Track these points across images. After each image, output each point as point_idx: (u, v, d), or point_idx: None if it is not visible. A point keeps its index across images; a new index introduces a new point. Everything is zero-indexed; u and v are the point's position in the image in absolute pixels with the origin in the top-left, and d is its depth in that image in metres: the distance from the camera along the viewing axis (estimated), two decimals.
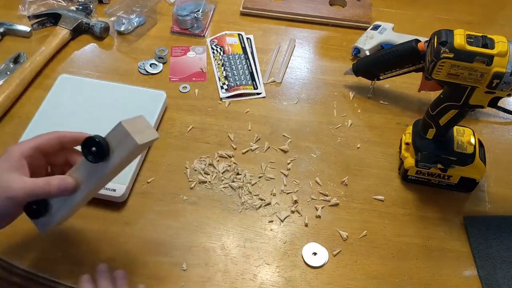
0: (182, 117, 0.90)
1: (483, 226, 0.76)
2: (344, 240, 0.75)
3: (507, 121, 0.92)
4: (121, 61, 1.00)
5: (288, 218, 0.77)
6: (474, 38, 0.65)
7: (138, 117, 0.61)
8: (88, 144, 0.58)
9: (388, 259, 0.73)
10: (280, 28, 1.08)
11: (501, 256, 0.72)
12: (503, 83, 0.64)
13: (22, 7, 1.07)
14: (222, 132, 0.88)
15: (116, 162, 0.58)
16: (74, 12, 1.04)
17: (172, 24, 1.06)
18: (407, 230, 0.76)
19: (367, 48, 0.98)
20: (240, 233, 0.75)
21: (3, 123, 0.88)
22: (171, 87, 0.95)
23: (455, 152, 0.75)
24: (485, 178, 0.81)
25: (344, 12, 1.09)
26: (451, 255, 0.74)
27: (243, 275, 0.71)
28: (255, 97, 0.94)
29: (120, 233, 0.74)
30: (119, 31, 1.04)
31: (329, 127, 0.89)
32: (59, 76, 0.91)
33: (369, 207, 0.79)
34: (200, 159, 0.84)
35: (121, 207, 0.77)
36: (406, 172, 0.79)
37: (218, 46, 1.03)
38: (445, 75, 0.66)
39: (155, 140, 0.62)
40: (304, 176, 0.82)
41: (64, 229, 0.74)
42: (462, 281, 0.71)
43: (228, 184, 0.80)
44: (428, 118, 0.74)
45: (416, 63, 0.85)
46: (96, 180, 0.60)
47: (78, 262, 0.71)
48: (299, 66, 1.00)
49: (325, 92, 0.95)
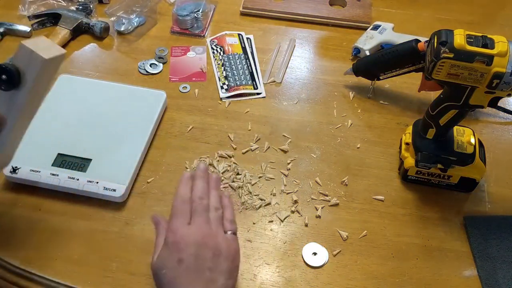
0: (182, 117, 0.90)
1: (483, 226, 0.75)
2: (344, 240, 0.75)
3: (507, 121, 0.92)
4: (121, 61, 1.00)
5: (288, 218, 0.77)
6: (474, 38, 0.65)
7: (39, 38, 0.60)
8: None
9: (388, 259, 0.73)
10: (280, 28, 1.08)
11: (501, 256, 0.72)
12: (503, 83, 0.64)
13: (22, 7, 1.07)
14: (222, 132, 0.88)
15: (30, 85, 0.57)
16: (74, 12, 1.04)
17: (172, 24, 1.06)
18: (407, 230, 0.76)
19: (367, 48, 0.98)
20: (240, 233, 0.75)
21: None
22: (171, 87, 0.95)
23: (455, 152, 0.75)
24: (485, 178, 0.81)
25: (344, 12, 1.09)
26: (451, 255, 0.74)
27: (243, 275, 0.71)
28: (255, 97, 0.94)
29: (120, 233, 0.74)
30: (119, 31, 1.04)
31: (329, 127, 0.89)
32: (59, 76, 0.91)
33: (369, 207, 0.79)
34: (200, 159, 0.84)
35: (121, 207, 0.77)
36: (406, 172, 0.79)
37: (218, 46, 1.03)
38: (445, 75, 0.66)
39: (62, 56, 0.60)
40: (304, 176, 0.82)
41: (64, 229, 0.74)
42: (462, 281, 0.71)
43: (228, 184, 0.80)
44: (428, 118, 0.74)
45: (416, 63, 0.85)
46: (18, 108, 0.59)
47: (78, 262, 0.71)
48: (299, 66, 1.00)
49: (325, 92, 0.95)
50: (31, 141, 0.81)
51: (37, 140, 0.81)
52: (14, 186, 0.78)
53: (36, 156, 0.79)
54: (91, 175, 0.77)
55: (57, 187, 0.77)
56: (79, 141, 0.81)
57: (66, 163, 0.78)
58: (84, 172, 0.78)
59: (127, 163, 0.79)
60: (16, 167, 0.78)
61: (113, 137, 0.82)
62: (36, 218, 0.75)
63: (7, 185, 0.79)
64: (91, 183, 0.77)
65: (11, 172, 0.77)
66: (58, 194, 0.78)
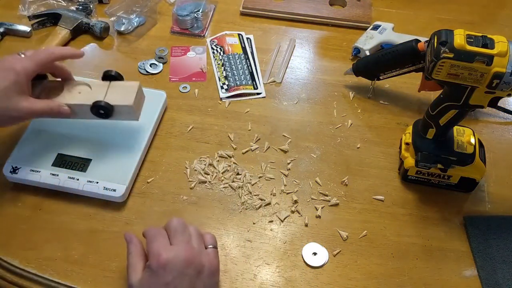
0: (182, 117, 0.90)
1: (483, 226, 0.75)
2: (344, 240, 0.75)
3: (507, 121, 0.92)
4: (121, 61, 1.00)
5: (288, 218, 0.77)
6: (474, 38, 0.65)
7: (139, 91, 0.79)
8: (97, 107, 0.75)
9: (388, 259, 0.73)
10: (280, 28, 1.08)
11: (501, 256, 0.72)
12: (503, 83, 0.64)
13: (22, 7, 1.07)
14: (222, 132, 0.88)
15: (113, 118, 0.78)
16: (74, 12, 1.04)
17: (172, 24, 1.06)
18: (407, 230, 0.76)
19: (367, 48, 0.98)
20: (240, 233, 0.75)
21: None
22: (171, 87, 0.95)
23: (455, 152, 0.75)
24: (485, 178, 0.81)
25: (344, 12, 1.09)
26: (451, 255, 0.74)
27: (243, 275, 0.71)
28: (255, 97, 0.94)
29: (120, 233, 0.74)
30: (119, 31, 1.04)
31: (329, 127, 0.89)
32: None
33: (369, 207, 0.79)
34: (200, 159, 0.84)
35: (121, 207, 0.77)
36: (406, 172, 0.79)
37: (218, 46, 1.03)
38: (445, 75, 0.66)
39: (139, 86, 0.79)
40: (304, 176, 0.82)
41: (64, 229, 0.74)
42: (462, 281, 0.71)
43: (228, 184, 0.80)
44: (428, 118, 0.74)
45: (416, 63, 0.85)
46: (89, 117, 0.77)
47: (78, 262, 0.71)
48: (299, 66, 1.00)
49: (325, 92, 0.95)
50: (31, 141, 0.81)
51: (37, 140, 0.81)
52: (14, 186, 0.78)
53: (36, 156, 0.79)
54: (91, 175, 0.77)
55: (57, 187, 0.77)
56: (79, 141, 0.81)
57: (66, 163, 0.78)
58: (84, 172, 0.78)
59: (127, 163, 0.79)
60: (16, 167, 0.78)
61: (113, 137, 0.82)
62: (36, 218, 0.75)
63: (7, 185, 0.79)
64: (91, 183, 0.77)
65: (11, 172, 0.77)
66: (58, 194, 0.78)
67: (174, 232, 0.62)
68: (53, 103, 0.74)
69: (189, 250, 0.60)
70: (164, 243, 0.60)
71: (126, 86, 0.78)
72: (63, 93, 0.78)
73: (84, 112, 0.77)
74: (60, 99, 0.77)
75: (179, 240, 0.60)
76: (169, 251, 0.59)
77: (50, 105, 0.73)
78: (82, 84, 0.79)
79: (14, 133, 0.84)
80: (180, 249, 0.59)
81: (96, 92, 0.77)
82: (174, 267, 0.58)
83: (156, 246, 0.60)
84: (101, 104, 0.75)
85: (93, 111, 0.76)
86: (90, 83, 0.79)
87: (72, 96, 0.77)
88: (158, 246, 0.60)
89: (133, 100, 0.76)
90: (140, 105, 0.79)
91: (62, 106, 0.74)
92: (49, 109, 0.73)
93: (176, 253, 0.59)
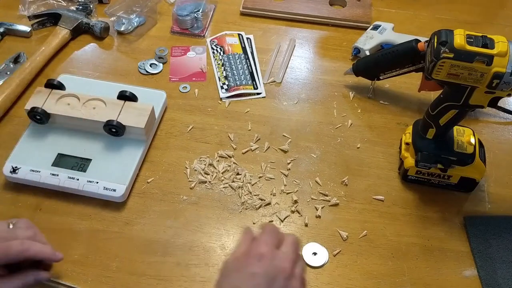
0: (182, 117, 0.90)
1: (483, 226, 0.76)
2: (344, 240, 0.75)
3: (507, 121, 0.92)
4: (121, 61, 1.00)
5: (288, 218, 0.77)
6: (474, 38, 0.65)
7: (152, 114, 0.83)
8: (110, 126, 0.79)
9: (388, 259, 0.73)
10: (280, 28, 1.08)
11: (501, 256, 0.72)
12: (503, 83, 0.64)
13: (22, 7, 1.07)
14: (222, 132, 0.88)
15: (122, 136, 0.82)
16: (74, 12, 1.04)
17: (172, 24, 1.06)
18: (407, 230, 0.76)
19: (367, 48, 0.98)
20: (240, 233, 0.75)
21: (3, 123, 0.88)
22: (171, 87, 0.95)
23: (455, 152, 0.75)
24: (485, 178, 0.81)
25: (344, 12, 1.09)
26: (451, 255, 0.74)
27: None
28: (255, 97, 0.94)
29: (120, 233, 0.74)
30: (119, 31, 1.04)
31: (329, 127, 0.89)
32: (59, 76, 0.91)
33: (369, 207, 0.79)
34: (200, 159, 0.84)
35: (121, 207, 0.77)
36: (406, 172, 0.79)
37: (218, 46, 1.03)
38: (445, 75, 0.66)
39: (152, 109, 0.83)
40: (304, 176, 0.82)
41: (64, 229, 0.74)
42: (462, 281, 0.71)
43: (228, 184, 0.80)
44: (428, 118, 0.74)
45: (416, 63, 0.85)
46: (98, 132, 0.81)
47: (78, 262, 0.71)
48: (299, 66, 1.00)
49: (325, 92, 0.95)
50: (31, 141, 0.81)
51: (37, 140, 0.81)
52: (14, 186, 0.78)
53: (36, 156, 0.79)
54: (91, 175, 0.77)
55: (57, 187, 0.77)
56: (79, 141, 0.81)
57: (66, 163, 0.79)
58: (84, 172, 0.78)
59: (127, 163, 0.79)
60: (16, 167, 0.78)
61: (113, 137, 0.82)
62: (36, 218, 0.75)
63: (7, 185, 0.79)
64: (91, 183, 0.77)
65: (11, 172, 0.77)
66: (58, 194, 0.78)
67: (285, 245, 0.59)
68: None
69: (287, 266, 0.56)
70: (272, 241, 0.58)
71: (139, 109, 0.82)
72: (78, 106, 0.81)
73: (95, 128, 0.80)
74: (74, 113, 0.80)
75: (285, 250, 0.58)
76: (273, 251, 0.57)
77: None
78: (98, 100, 0.83)
79: (14, 133, 0.84)
80: (281, 258, 0.56)
81: (110, 110, 0.81)
82: (266, 266, 0.55)
83: (266, 238, 0.58)
84: (114, 123, 0.78)
85: (106, 129, 0.80)
86: (105, 100, 0.82)
87: (87, 111, 0.81)
88: (267, 239, 0.58)
89: (145, 123, 0.79)
90: (150, 127, 0.83)
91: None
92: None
93: (276, 256, 0.56)
